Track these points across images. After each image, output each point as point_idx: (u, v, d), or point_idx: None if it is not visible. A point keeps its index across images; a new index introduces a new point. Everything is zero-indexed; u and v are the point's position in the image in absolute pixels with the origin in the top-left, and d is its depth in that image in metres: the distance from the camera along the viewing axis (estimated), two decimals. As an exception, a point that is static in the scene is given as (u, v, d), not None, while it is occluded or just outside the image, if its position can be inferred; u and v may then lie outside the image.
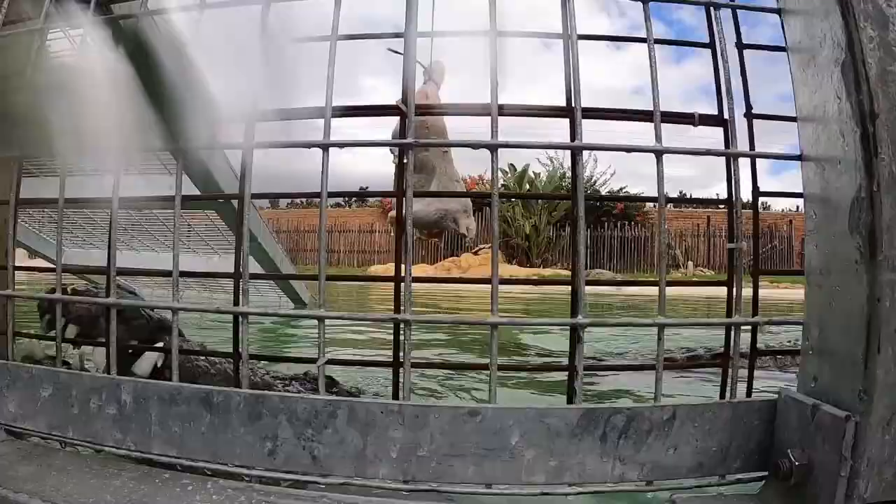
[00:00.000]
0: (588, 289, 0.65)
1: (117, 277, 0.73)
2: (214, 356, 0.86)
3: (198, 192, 2.19)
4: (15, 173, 0.83)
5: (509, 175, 18.41)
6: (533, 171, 18.96)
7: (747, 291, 0.63)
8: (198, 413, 0.66)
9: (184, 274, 0.74)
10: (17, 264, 0.88)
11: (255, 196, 0.71)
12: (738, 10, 0.65)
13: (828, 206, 0.56)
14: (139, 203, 0.93)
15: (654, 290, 0.64)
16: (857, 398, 0.51)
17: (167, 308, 0.70)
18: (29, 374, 0.71)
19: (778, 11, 0.63)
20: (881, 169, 0.51)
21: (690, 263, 15.63)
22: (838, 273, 0.54)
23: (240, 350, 0.69)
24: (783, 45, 0.64)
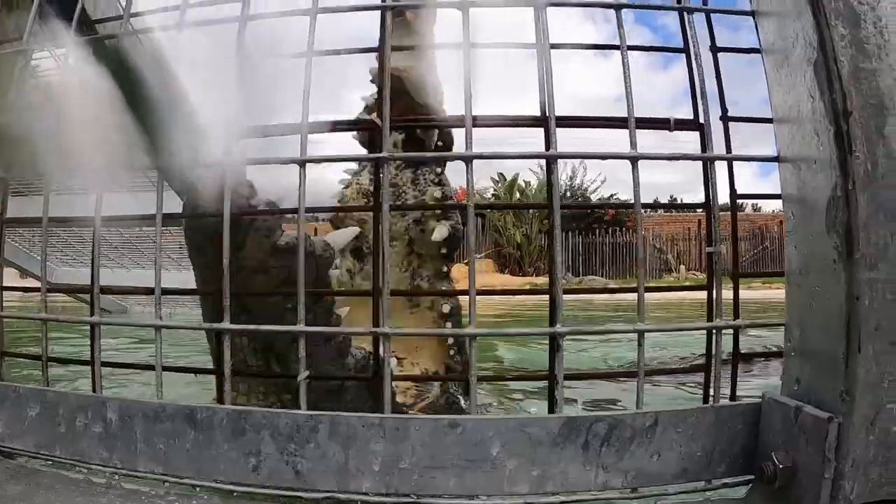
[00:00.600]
0: (581, 296, 0.65)
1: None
2: (194, 372, 0.86)
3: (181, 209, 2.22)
4: (0, 192, 0.84)
5: (499, 184, 18.52)
6: (523, 180, 19.09)
7: (733, 294, 0.62)
8: (182, 430, 0.66)
9: (167, 291, 0.75)
10: (6, 284, 0.89)
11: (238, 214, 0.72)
12: (712, 15, 0.65)
13: (805, 206, 0.56)
14: (124, 221, 0.94)
15: (648, 296, 0.64)
16: (840, 399, 0.51)
17: (150, 326, 0.70)
18: (16, 393, 0.71)
19: (752, 14, 0.63)
20: (856, 167, 0.50)
21: (683, 267, 15.69)
22: (817, 273, 0.54)
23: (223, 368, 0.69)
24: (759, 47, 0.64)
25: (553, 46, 0.62)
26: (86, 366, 0.73)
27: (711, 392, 0.61)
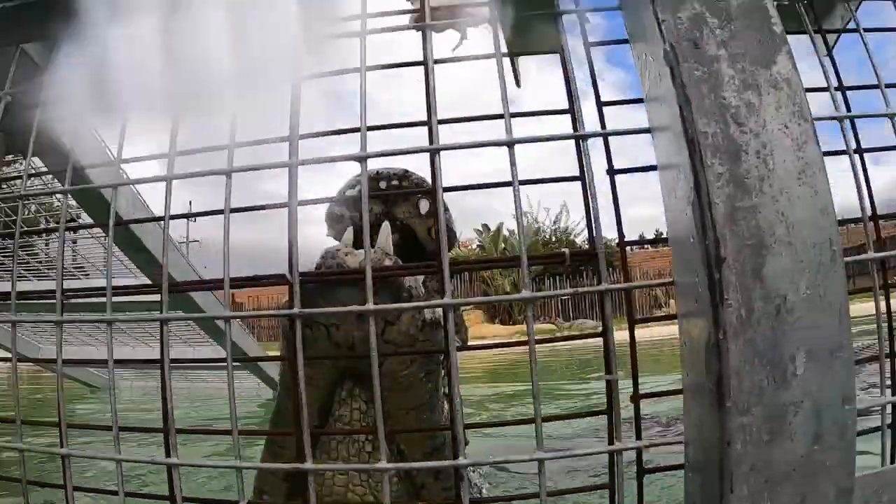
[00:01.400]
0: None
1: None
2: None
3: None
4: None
5: (484, 235, 18.62)
6: (508, 230, 19.17)
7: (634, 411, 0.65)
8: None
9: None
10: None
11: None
12: (608, 138, 0.66)
13: (692, 343, 0.58)
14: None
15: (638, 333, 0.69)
16: (719, 533, 0.54)
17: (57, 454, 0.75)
18: None
19: (649, 131, 0.64)
20: (727, 315, 0.52)
21: (672, 301, 15.78)
22: (699, 408, 0.56)
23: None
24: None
25: (438, 62, 0.64)
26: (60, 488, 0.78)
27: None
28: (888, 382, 0.74)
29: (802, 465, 0.54)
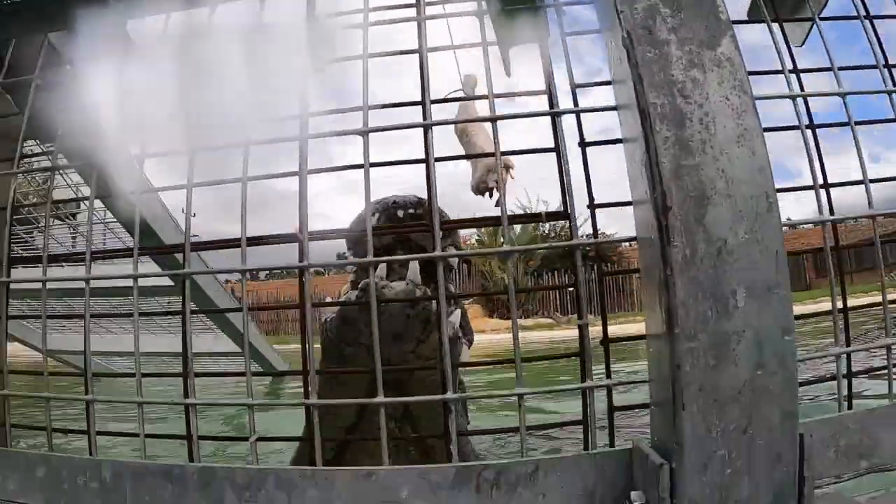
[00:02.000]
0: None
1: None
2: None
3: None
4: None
5: (483, 229, 18.82)
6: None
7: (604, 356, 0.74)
8: (162, 484, 0.81)
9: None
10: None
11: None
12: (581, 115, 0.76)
13: (650, 281, 0.66)
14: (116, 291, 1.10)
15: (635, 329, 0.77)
16: (674, 448, 0.62)
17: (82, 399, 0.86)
18: (26, 458, 0.88)
19: (615, 108, 0.74)
20: (674, 255, 0.61)
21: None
22: (656, 340, 0.65)
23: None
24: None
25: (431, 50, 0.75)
26: (83, 434, 0.88)
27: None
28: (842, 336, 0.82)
29: (747, 388, 0.62)
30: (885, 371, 0.85)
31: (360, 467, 0.71)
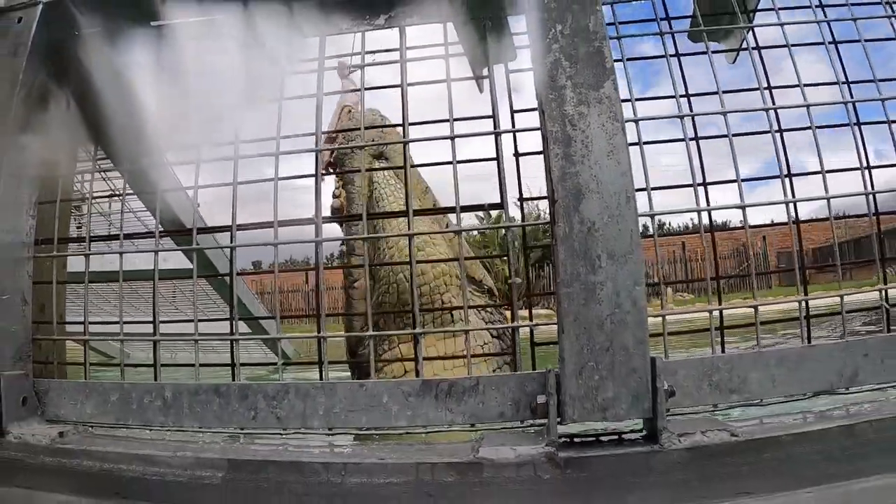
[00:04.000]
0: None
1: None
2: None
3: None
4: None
5: (484, 221, 19.18)
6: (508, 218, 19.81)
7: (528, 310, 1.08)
8: (212, 399, 1.17)
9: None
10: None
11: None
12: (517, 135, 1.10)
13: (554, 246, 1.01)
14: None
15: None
16: (560, 360, 0.96)
17: (151, 340, 1.21)
18: (103, 387, 1.24)
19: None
20: (558, 231, 0.95)
21: (669, 290, 16.25)
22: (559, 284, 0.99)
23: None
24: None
25: (412, 60, 1.09)
26: (150, 367, 1.24)
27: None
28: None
29: (608, 321, 0.96)
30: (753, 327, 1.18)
31: (355, 380, 1.06)
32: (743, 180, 1.20)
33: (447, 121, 1.15)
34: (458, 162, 1.11)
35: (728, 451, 0.96)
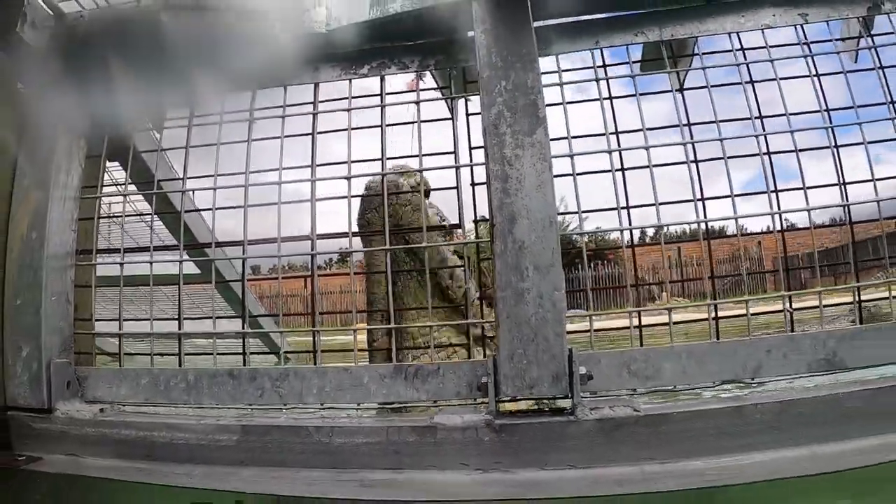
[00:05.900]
0: (575, 327, 1.45)
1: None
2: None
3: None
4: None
5: (481, 226, 19.52)
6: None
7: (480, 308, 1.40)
8: (226, 381, 1.49)
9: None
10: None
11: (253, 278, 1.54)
12: (473, 169, 1.43)
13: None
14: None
15: (624, 322, 1.43)
16: (496, 347, 1.28)
17: (176, 334, 1.54)
18: (135, 372, 1.56)
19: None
20: (496, 248, 1.27)
21: (665, 294, 16.42)
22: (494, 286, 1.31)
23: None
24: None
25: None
26: (175, 356, 1.57)
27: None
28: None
29: (533, 317, 1.27)
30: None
31: (341, 364, 1.38)
32: (736, 195, 1.50)
33: (417, 156, 1.47)
34: (428, 190, 1.43)
35: (632, 423, 1.27)
